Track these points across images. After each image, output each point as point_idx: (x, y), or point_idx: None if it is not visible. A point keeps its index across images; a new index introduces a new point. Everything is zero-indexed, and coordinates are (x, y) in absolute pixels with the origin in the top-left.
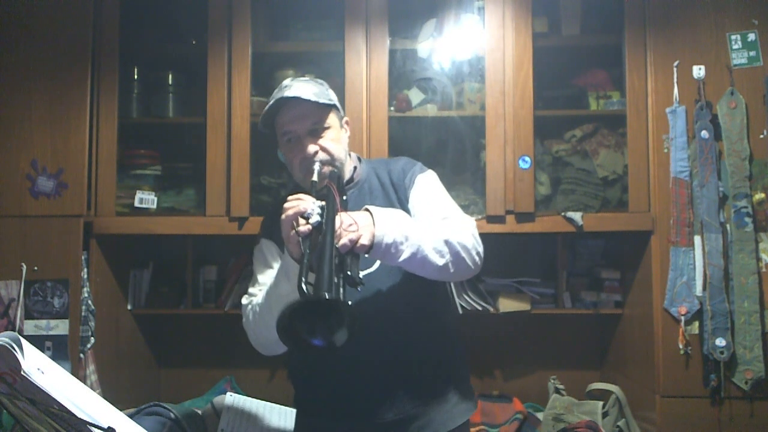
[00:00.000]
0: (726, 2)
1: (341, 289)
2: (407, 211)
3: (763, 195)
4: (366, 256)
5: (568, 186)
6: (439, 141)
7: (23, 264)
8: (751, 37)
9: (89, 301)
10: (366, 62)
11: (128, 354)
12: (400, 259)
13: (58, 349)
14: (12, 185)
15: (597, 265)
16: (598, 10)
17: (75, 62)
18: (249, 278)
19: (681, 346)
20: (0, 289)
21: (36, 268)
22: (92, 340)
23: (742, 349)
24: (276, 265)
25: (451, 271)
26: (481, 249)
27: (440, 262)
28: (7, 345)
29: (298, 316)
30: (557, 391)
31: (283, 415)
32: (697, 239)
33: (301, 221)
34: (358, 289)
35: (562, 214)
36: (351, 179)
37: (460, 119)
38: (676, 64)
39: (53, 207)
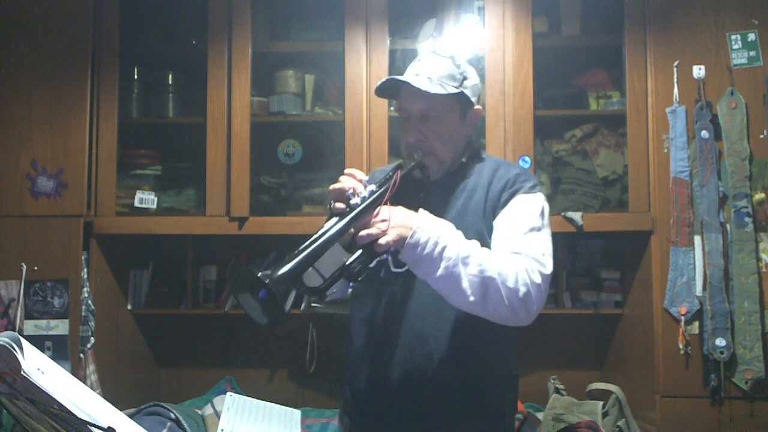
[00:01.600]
0: (726, 2)
1: (292, 283)
2: (490, 227)
3: (763, 195)
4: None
5: (568, 186)
6: None
7: (23, 264)
8: (751, 37)
9: (89, 301)
10: (366, 62)
11: (128, 354)
12: (433, 275)
13: (58, 349)
14: (12, 185)
15: (597, 265)
16: (598, 10)
17: (75, 62)
18: None
19: (681, 346)
20: (0, 289)
21: (36, 268)
22: (92, 340)
23: (742, 349)
24: None
25: (486, 310)
26: (535, 304)
27: (471, 297)
28: (7, 345)
29: (246, 275)
30: (557, 391)
31: (284, 415)
32: (697, 239)
33: (353, 198)
34: (350, 284)
35: (562, 214)
36: (456, 171)
37: None
38: (676, 64)
39: (53, 207)
